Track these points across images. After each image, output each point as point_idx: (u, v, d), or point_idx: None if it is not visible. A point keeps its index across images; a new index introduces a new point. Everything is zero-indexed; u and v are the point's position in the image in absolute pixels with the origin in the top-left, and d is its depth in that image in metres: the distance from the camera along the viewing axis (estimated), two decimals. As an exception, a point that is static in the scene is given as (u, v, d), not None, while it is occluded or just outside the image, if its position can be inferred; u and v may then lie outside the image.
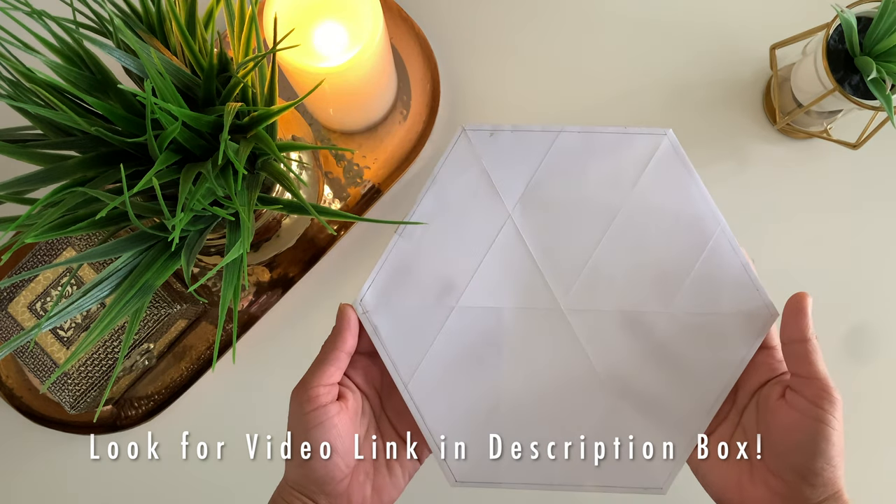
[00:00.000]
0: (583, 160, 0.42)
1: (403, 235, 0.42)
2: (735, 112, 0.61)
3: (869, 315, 0.59)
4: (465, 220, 0.42)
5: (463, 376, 0.41)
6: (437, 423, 0.41)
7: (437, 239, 0.42)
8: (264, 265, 0.60)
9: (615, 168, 0.42)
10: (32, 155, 0.40)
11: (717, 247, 0.41)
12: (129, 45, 0.38)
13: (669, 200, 0.42)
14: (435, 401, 0.41)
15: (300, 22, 0.49)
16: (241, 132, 0.41)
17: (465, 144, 0.42)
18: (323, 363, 0.39)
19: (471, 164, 0.42)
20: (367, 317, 0.41)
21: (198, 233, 0.42)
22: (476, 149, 0.42)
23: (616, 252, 0.41)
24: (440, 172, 0.42)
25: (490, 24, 0.64)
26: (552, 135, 0.42)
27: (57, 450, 0.60)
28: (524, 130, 0.42)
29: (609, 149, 0.42)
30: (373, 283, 0.41)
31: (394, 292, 0.41)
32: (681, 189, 0.42)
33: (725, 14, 0.63)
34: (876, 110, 0.51)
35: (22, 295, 0.55)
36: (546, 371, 0.41)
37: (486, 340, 0.41)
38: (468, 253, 0.42)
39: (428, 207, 0.42)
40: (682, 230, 0.41)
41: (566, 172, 0.42)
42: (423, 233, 0.42)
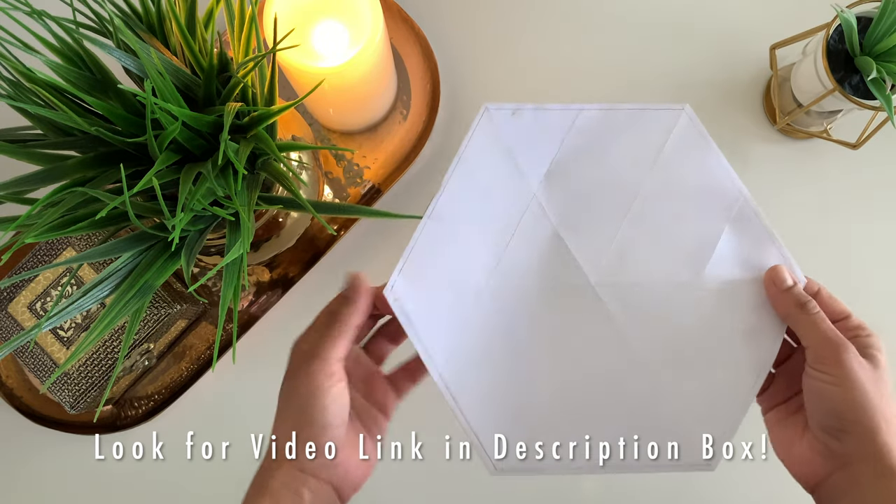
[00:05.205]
0: (604, 138, 0.42)
1: (433, 216, 0.41)
2: (735, 112, 0.61)
3: (869, 315, 0.59)
4: (491, 200, 0.42)
5: (498, 360, 0.41)
6: (475, 413, 0.40)
7: (464, 218, 0.41)
8: (264, 265, 0.60)
9: (636, 144, 0.42)
10: (32, 155, 0.40)
11: (740, 216, 0.41)
12: (129, 45, 0.38)
13: (691, 173, 0.42)
14: (471, 389, 0.40)
15: (300, 22, 0.49)
16: (241, 132, 0.41)
17: (487, 123, 0.42)
18: (338, 337, 0.38)
19: (494, 143, 0.42)
20: (398, 304, 0.40)
21: (198, 233, 0.42)
22: (498, 128, 0.42)
23: (643, 226, 0.42)
24: (465, 151, 0.42)
25: (490, 24, 0.64)
26: (573, 113, 0.42)
27: (57, 450, 0.60)
28: (545, 109, 0.42)
29: (629, 126, 0.42)
30: (403, 270, 0.40)
31: (423, 278, 0.40)
32: (701, 161, 0.42)
33: (725, 14, 0.63)
34: (876, 110, 0.51)
35: (22, 295, 0.55)
36: (580, 350, 0.41)
37: (519, 321, 0.41)
38: (495, 233, 0.42)
39: (454, 189, 0.41)
40: (706, 201, 0.42)
41: (588, 150, 0.42)
42: (452, 213, 0.41)
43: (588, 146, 0.42)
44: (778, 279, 0.40)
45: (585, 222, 0.42)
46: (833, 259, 0.59)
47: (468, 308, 0.41)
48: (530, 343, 0.41)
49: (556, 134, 0.42)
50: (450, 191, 0.41)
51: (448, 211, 0.41)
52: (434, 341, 0.40)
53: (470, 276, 0.41)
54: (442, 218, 0.41)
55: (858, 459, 0.36)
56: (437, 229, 0.41)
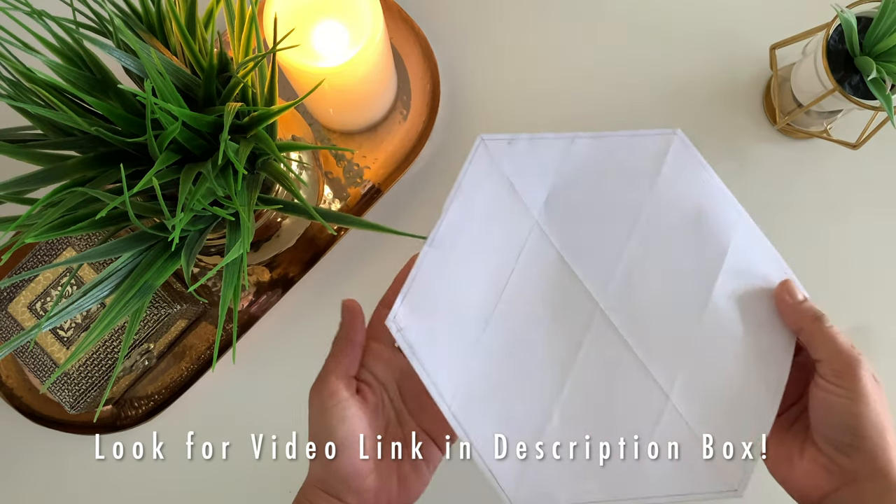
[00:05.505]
0: (600, 163, 0.43)
1: (433, 245, 0.41)
2: (735, 112, 0.61)
3: (868, 315, 0.59)
4: (492, 229, 0.42)
5: (507, 389, 0.40)
6: (488, 446, 0.39)
7: (466, 248, 0.41)
8: (264, 265, 0.60)
9: (632, 169, 0.43)
10: (32, 155, 0.40)
11: (741, 234, 0.42)
12: (129, 45, 0.38)
13: (688, 195, 0.42)
14: (482, 421, 0.39)
15: (300, 22, 0.49)
16: (241, 132, 0.41)
17: (483, 153, 0.42)
18: (336, 357, 0.39)
19: (491, 172, 0.42)
20: (401, 335, 0.39)
21: (198, 233, 0.42)
22: (495, 157, 0.42)
23: (646, 248, 0.42)
24: (463, 182, 0.42)
25: (490, 24, 0.64)
26: (566, 141, 0.43)
27: (57, 450, 0.60)
28: (540, 138, 0.43)
29: (623, 151, 0.43)
30: (405, 299, 0.40)
31: (426, 307, 0.40)
32: (697, 183, 0.42)
33: (725, 14, 0.63)
34: (876, 110, 0.51)
35: (22, 295, 0.55)
36: (592, 374, 0.40)
37: (528, 348, 0.40)
38: (499, 260, 0.41)
39: (455, 217, 0.41)
40: (705, 221, 0.42)
41: (586, 176, 0.43)
42: (453, 242, 0.41)
43: (586, 172, 0.43)
44: (791, 293, 0.40)
45: (589, 246, 0.42)
46: (833, 259, 0.59)
47: (474, 336, 0.40)
48: (540, 369, 0.40)
49: (552, 161, 0.43)
50: (450, 220, 0.41)
51: (449, 239, 0.41)
52: (440, 372, 0.39)
53: (474, 304, 0.41)
54: (443, 246, 0.41)
55: (866, 476, 0.36)
56: (438, 258, 0.40)
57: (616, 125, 0.61)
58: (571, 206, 0.42)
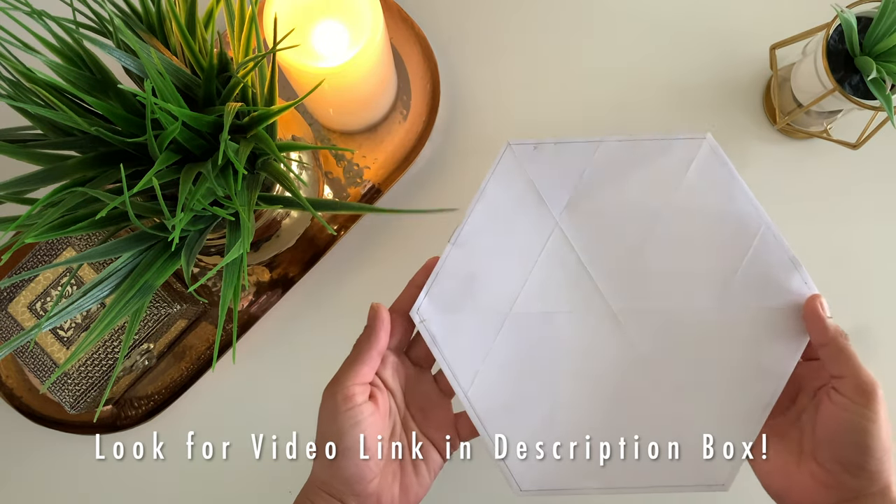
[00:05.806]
0: (625, 167, 0.43)
1: (457, 244, 0.42)
2: (735, 112, 0.61)
3: (868, 316, 0.59)
4: (514, 230, 0.43)
5: (520, 382, 0.42)
6: (500, 432, 0.41)
7: (488, 247, 0.42)
8: (264, 265, 0.60)
9: (657, 173, 0.43)
10: (32, 155, 0.40)
11: (763, 243, 0.42)
12: (129, 45, 0.38)
13: (712, 201, 0.42)
14: (495, 409, 0.41)
15: (300, 22, 0.49)
16: (241, 132, 0.41)
17: (510, 158, 0.43)
18: (357, 362, 0.39)
19: (517, 176, 0.43)
20: (424, 325, 0.42)
21: (198, 233, 0.42)
22: (521, 162, 0.43)
23: (664, 254, 0.42)
24: (487, 187, 0.43)
25: (490, 24, 0.64)
26: (593, 145, 0.43)
27: (57, 450, 0.60)
28: (566, 142, 0.43)
29: (650, 155, 0.43)
30: (429, 293, 0.42)
31: (449, 301, 0.42)
32: (723, 189, 0.42)
33: (725, 14, 0.63)
34: (876, 110, 0.51)
35: (22, 295, 0.55)
36: (601, 374, 0.42)
37: (541, 345, 0.42)
38: (519, 260, 0.43)
39: (477, 221, 0.43)
40: (727, 229, 0.42)
41: (609, 180, 0.43)
42: (476, 242, 0.42)
43: (609, 175, 0.43)
44: (824, 307, 0.40)
45: (608, 249, 0.42)
46: (833, 259, 0.59)
47: (492, 332, 0.42)
48: (553, 368, 0.42)
49: (577, 165, 0.43)
50: (473, 220, 0.43)
51: (472, 238, 0.42)
52: (459, 363, 0.41)
53: (494, 301, 0.42)
54: (466, 245, 0.42)
55: (867, 494, 0.36)
56: (461, 255, 0.42)
57: (616, 125, 0.62)
58: (594, 208, 0.43)
